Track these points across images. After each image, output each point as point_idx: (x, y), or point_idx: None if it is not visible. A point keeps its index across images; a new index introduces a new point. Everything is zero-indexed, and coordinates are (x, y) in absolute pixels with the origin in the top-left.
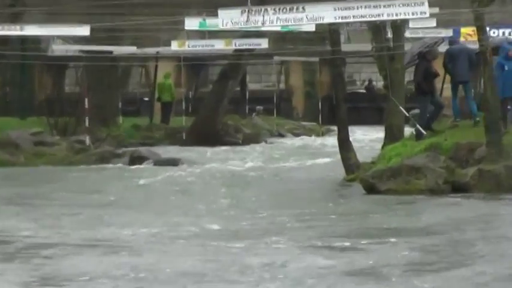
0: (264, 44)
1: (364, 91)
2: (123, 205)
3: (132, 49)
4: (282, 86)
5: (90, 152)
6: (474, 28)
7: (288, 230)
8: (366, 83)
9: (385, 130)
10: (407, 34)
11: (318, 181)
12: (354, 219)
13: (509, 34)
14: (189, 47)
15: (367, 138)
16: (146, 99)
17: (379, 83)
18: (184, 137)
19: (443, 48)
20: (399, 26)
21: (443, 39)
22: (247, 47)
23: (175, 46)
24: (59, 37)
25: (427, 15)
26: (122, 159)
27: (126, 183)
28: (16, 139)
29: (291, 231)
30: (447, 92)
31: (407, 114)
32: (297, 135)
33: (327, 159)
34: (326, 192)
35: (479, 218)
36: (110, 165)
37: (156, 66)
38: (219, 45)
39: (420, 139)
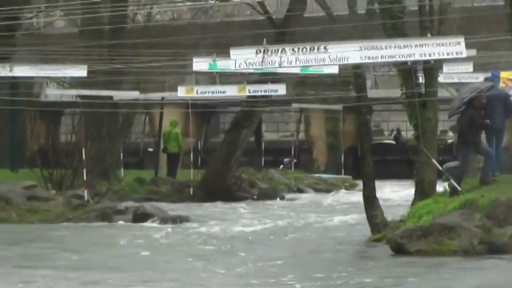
0: (281, 89)
1: (392, 142)
2: (125, 269)
3: (134, 94)
4: (302, 136)
5: (90, 207)
6: None
7: None
8: (394, 132)
9: (416, 185)
10: (440, 79)
11: (341, 242)
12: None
13: None
14: (197, 93)
15: (395, 194)
16: (150, 150)
17: (408, 133)
18: (191, 192)
19: None
20: (432, 70)
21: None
22: (262, 93)
23: (182, 92)
24: (52, 80)
25: (464, 55)
26: (125, 216)
27: (130, 243)
28: (7, 193)
29: None
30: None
31: (440, 168)
32: (318, 190)
33: (350, 217)
34: (350, 254)
35: None
36: (112, 223)
37: (161, 114)
38: (232, 91)
39: (455, 195)
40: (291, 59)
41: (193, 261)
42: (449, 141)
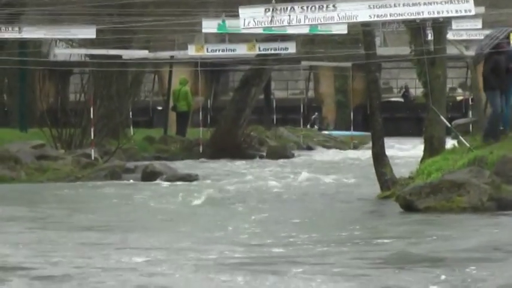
0: (291, 47)
1: (401, 99)
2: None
3: (143, 53)
4: (311, 93)
5: (99, 166)
6: None
7: (317, 255)
8: (403, 90)
9: (425, 142)
10: (449, 36)
11: (351, 199)
12: (391, 243)
13: None
14: (207, 51)
15: (404, 152)
16: (160, 108)
17: (417, 91)
18: (201, 151)
19: None
20: (441, 27)
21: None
22: (272, 51)
23: (192, 51)
24: (61, 40)
25: (473, 12)
26: (134, 174)
27: (140, 202)
28: (16, 153)
29: (320, 256)
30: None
31: (449, 125)
32: (327, 147)
33: (359, 175)
34: (359, 211)
35: None
36: (121, 182)
37: (171, 72)
38: (241, 49)
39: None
40: (300, 17)
41: (205, 219)
42: (459, 98)
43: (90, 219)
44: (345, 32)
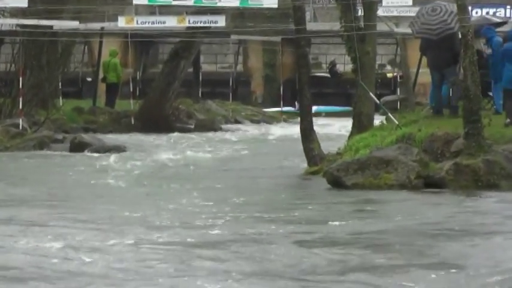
0: (220, 21)
1: (328, 75)
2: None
3: (74, 24)
4: (240, 67)
5: (27, 136)
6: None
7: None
8: (330, 65)
9: (353, 118)
10: (380, 12)
11: (277, 174)
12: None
13: (494, 14)
14: (138, 23)
15: (332, 127)
16: (89, 79)
17: (347, 66)
18: (129, 122)
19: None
20: (371, 3)
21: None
22: (202, 24)
23: (122, 23)
24: None
25: None
26: (62, 145)
27: (66, 173)
28: None
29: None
30: (424, 77)
31: (377, 102)
32: (255, 122)
33: (287, 150)
34: (287, 187)
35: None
36: (49, 152)
37: (101, 43)
38: (171, 22)
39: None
40: None
41: (135, 190)
42: (389, 75)
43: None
44: (275, 6)
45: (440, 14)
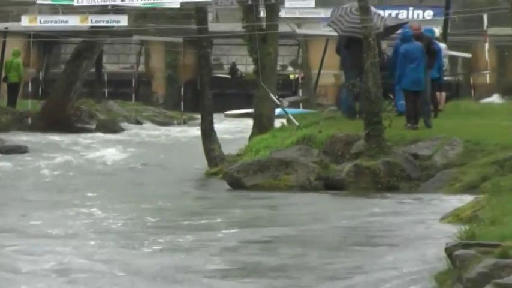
0: (123, 21)
1: (228, 76)
2: None
3: None
4: (142, 68)
5: None
6: None
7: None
8: (230, 66)
9: (254, 119)
10: (282, 14)
11: (177, 174)
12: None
13: (396, 16)
14: (40, 22)
15: (233, 128)
16: None
17: (249, 68)
18: (30, 122)
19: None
20: (273, 5)
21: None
22: (104, 24)
23: (25, 21)
24: None
25: None
26: None
27: None
28: None
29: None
30: (326, 79)
31: (278, 103)
32: (157, 123)
33: (188, 150)
34: (187, 187)
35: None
36: None
37: (4, 43)
38: (74, 21)
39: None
40: None
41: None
42: (292, 76)
43: None
44: (178, 6)
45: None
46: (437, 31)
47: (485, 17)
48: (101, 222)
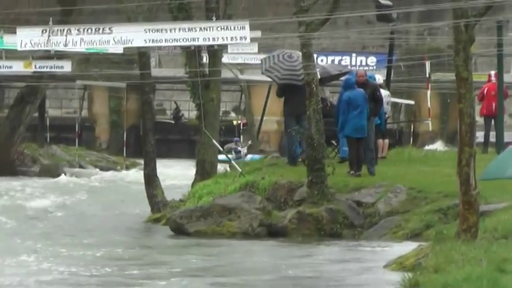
0: (66, 66)
1: (171, 121)
2: None
3: None
4: (85, 113)
5: None
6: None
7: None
8: (173, 111)
9: (197, 165)
10: (225, 60)
11: (120, 220)
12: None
13: (339, 62)
14: None
15: (176, 174)
16: None
17: (191, 113)
18: None
19: None
20: (216, 51)
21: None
22: (48, 69)
23: None
24: None
25: (248, 40)
26: None
27: None
28: None
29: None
30: (268, 125)
31: (221, 149)
32: (100, 167)
33: (130, 196)
34: (129, 233)
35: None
36: None
37: None
38: (18, 66)
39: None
40: (76, 40)
41: None
42: (236, 122)
43: None
44: (121, 51)
45: (299, 60)
46: (380, 78)
47: (427, 64)
48: (42, 272)
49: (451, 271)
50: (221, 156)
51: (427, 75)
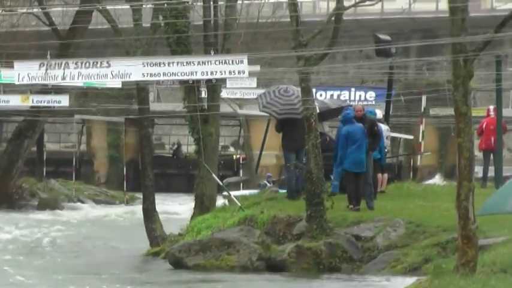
0: (64, 101)
1: (170, 155)
2: None
3: None
4: (83, 147)
5: None
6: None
7: None
8: (175, 146)
9: (195, 199)
10: (223, 94)
11: (119, 254)
12: None
13: (338, 97)
14: None
15: (175, 208)
16: None
17: (190, 147)
18: None
19: None
20: (215, 85)
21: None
22: (45, 103)
23: None
24: None
25: (246, 74)
26: None
27: None
28: None
29: None
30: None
31: (220, 183)
32: (98, 202)
33: (130, 230)
34: (128, 268)
35: None
36: None
37: None
38: (15, 101)
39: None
40: (74, 73)
41: None
42: (235, 156)
43: None
44: (119, 86)
45: (295, 94)
46: (380, 112)
47: (423, 98)
48: None
49: None
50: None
51: (422, 110)
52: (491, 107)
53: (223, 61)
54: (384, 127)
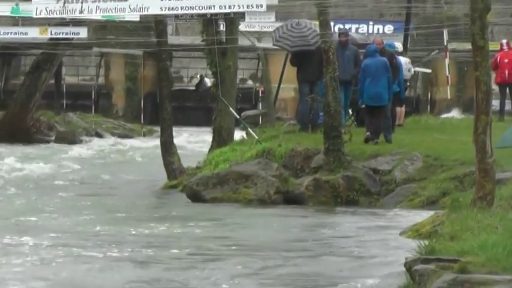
0: (82, 33)
1: (192, 88)
2: None
3: None
4: (101, 80)
5: None
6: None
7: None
8: (199, 79)
9: (213, 133)
10: (242, 27)
11: (136, 187)
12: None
13: (356, 30)
14: (0, 34)
15: (193, 141)
16: None
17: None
18: None
19: None
20: (233, 18)
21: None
22: (64, 35)
23: None
24: None
25: (264, 8)
26: None
27: None
28: None
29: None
30: (286, 92)
31: (237, 117)
32: (116, 135)
33: (147, 163)
34: (145, 200)
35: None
36: None
37: None
38: (33, 33)
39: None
40: (92, 7)
41: None
42: (254, 89)
43: None
44: (137, 19)
45: (308, 26)
46: (399, 45)
47: (445, 32)
48: (59, 235)
49: (466, 238)
50: None
51: (445, 44)
52: (504, 41)
53: None
54: (405, 60)
